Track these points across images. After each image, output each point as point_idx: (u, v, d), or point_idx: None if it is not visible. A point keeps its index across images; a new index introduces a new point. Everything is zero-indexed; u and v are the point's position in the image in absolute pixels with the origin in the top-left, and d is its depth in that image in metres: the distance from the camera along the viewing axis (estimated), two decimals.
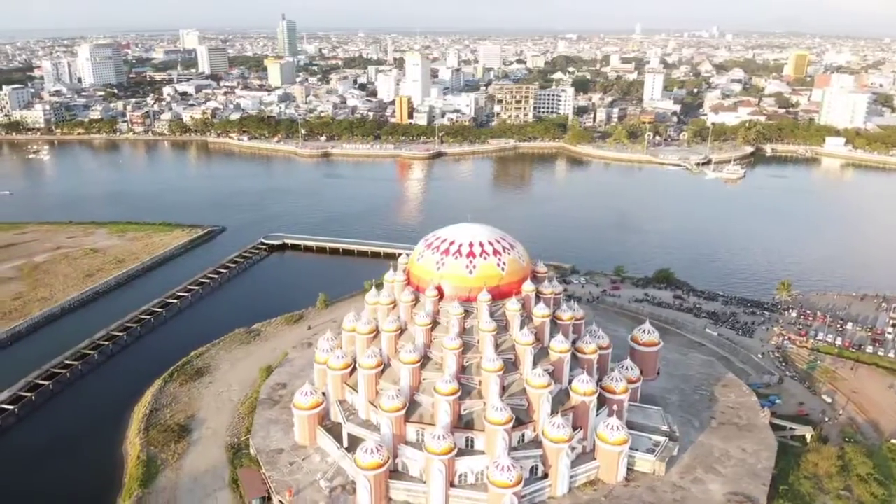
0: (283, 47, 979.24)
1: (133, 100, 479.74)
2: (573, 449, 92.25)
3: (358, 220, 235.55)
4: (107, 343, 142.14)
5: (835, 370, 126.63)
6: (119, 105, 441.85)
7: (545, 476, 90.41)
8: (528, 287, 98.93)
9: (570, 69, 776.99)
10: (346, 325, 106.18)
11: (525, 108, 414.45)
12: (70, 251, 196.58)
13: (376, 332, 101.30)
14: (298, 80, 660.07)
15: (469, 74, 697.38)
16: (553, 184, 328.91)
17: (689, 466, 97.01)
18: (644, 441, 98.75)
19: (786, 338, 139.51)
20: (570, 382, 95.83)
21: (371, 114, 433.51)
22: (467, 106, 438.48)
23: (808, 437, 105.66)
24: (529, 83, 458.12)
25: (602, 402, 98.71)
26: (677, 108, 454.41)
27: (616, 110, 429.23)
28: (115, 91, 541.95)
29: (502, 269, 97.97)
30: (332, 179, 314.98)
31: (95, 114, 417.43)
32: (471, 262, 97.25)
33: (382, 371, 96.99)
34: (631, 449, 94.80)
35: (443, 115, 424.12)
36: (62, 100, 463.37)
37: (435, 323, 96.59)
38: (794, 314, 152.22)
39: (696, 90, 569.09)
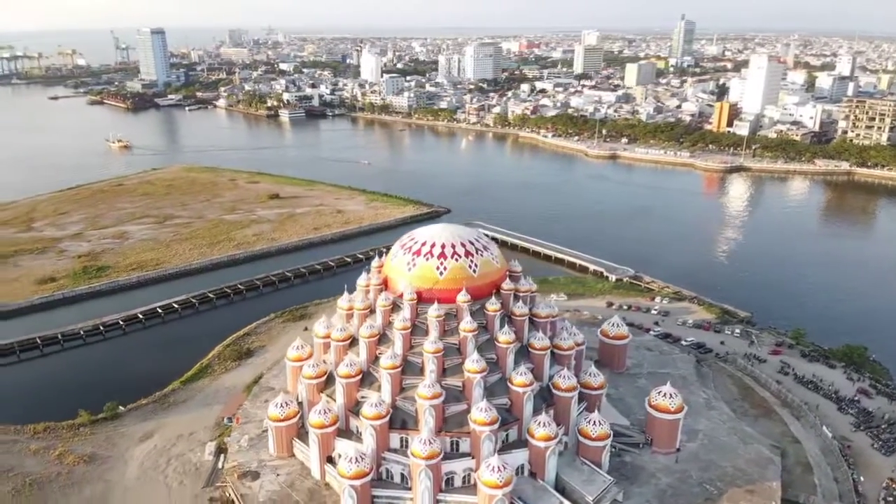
0: (676, 48, 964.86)
1: (494, 94, 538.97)
2: (449, 475, 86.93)
3: (583, 227, 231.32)
4: (275, 279, 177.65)
5: None
6: (466, 98, 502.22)
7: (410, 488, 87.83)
8: (461, 297, 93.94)
9: None
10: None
11: (881, 128, 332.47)
12: (324, 208, 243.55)
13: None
14: (664, 80, 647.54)
15: (871, 85, 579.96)
16: (856, 223, 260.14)
17: None
18: (552, 501, 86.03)
19: None
20: None
21: (689, 118, 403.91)
22: (811, 118, 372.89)
23: None
24: None
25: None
26: None
27: None
28: (484, 86, 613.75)
29: (441, 273, 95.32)
30: (593, 181, 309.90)
31: (444, 104, 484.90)
32: (413, 259, 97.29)
33: None
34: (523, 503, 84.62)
35: (773, 125, 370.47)
36: (436, 90, 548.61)
37: (373, 310, 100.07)
38: None
39: None
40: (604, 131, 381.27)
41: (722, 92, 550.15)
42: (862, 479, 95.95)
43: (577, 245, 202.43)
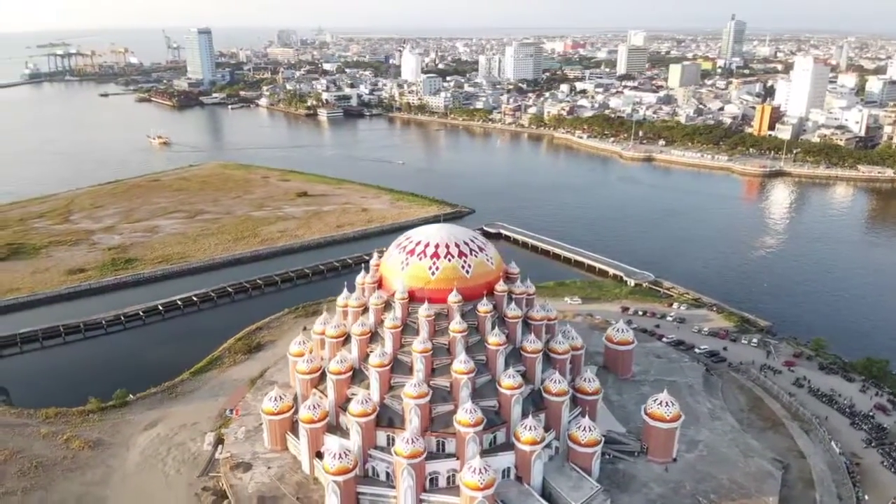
0: (725, 48, 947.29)
1: (531, 94, 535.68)
2: (433, 475, 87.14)
3: (608, 230, 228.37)
4: (293, 276, 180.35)
5: None
6: (503, 98, 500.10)
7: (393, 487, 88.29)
8: (452, 298, 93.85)
9: None
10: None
11: None
12: (350, 207, 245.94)
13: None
14: (709, 81, 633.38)
15: None
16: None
17: None
18: None
19: None
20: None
21: (730, 121, 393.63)
22: (857, 123, 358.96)
23: None
24: None
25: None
26: None
27: None
28: (523, 86, 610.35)
29: (433, 272, 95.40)
30: (624, 184, 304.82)
31: (479, 104, 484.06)
32: (407, 259, 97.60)
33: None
34: None
35: (817, 129, 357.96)
36: (474, 90, 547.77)
37: (367, 308, 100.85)
38: None
39: None
40: (640, 133, 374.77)
41: (768, 94, 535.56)
42: (867, 497, 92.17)
43: (600, 248, 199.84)
